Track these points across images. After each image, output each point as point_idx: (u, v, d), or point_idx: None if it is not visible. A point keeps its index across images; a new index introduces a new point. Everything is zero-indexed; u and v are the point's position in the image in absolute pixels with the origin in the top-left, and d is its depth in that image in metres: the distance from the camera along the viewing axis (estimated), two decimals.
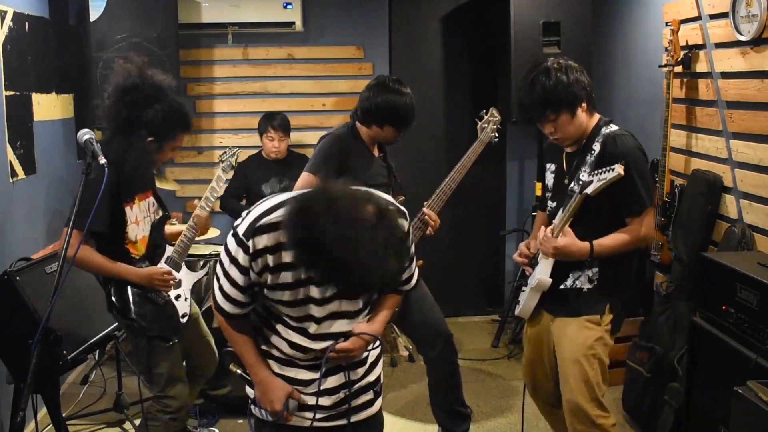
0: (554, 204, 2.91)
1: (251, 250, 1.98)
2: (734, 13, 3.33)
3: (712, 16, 3.60)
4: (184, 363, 3.24)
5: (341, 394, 2.20)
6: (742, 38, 3.28)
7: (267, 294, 2.06)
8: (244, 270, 2.02)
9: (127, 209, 2.94)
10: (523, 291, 2.98)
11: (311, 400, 2.17)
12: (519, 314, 3.00)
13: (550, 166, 2.95)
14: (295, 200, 1.92)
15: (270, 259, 1.99)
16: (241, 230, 2.01)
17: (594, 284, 2.78)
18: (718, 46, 3.55)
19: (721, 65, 3.53)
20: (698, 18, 3.72)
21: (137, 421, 3.77)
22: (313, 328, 2.10)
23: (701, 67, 3.71)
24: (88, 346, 3.33)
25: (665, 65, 3.80)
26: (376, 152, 3.46)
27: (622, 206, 2.71)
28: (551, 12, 4.46)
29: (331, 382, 2.18)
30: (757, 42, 3.21)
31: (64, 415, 3.44)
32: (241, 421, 3.92)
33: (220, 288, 2.11)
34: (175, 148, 3.02)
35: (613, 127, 2.78)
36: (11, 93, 3.70)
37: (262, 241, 1.98)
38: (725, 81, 3.50)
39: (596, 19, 4.66)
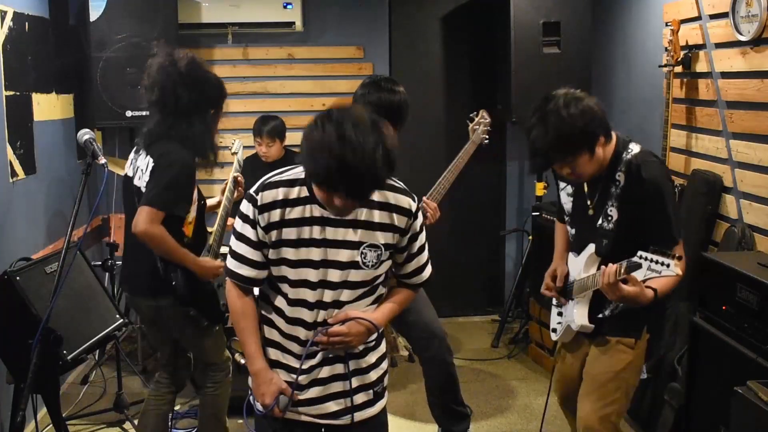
0: (574, 231, 2.77)
1: (259, 203, 2.09)
2: (734, 13, 3.33)
3: (712, 16, 3.60)
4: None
5: (332, 386, 2.19)
6: (742, 38, 3.28)
7: (272, 255, 2.12)
8: (253, 224, 2.10)
9: None
10: (559, 323, 2.86)
11: (307, 395, 2.18)
12: (557, 340, 2.93)
13: (566, 187, 2.79)
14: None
15: (276, 214, 2.08)
16: (252, 189, 2.14)
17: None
18: (718, 46, 3.55)
19: (721, 65, 3.53)
20: (698, 18, 3.72)
21: (135, 420, 3.78)
22: (309, 293, 2.12)
23: (701, 67, 3.71)
24: (88, 346, 3.32)
25: (665, 65, 3.80)
26: None
27: (653, 241, 2.41)
28: (551, 12, 4.47)
29: (324, 372, 2.18)
30: (757, 42, 3.21)
31: (64, 415, 3.44)
32: (240, 420, 3.92)
33: (234, 253, 2.16)
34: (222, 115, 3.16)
35: (634, 149, 2.56)
36: (11, 93, 3.70)
37: (271, 195, 2.09)
38: (725, 81, 3.50)
39: (596, 19, 4.66)
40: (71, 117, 4.61)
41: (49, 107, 4.25)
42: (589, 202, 2.66)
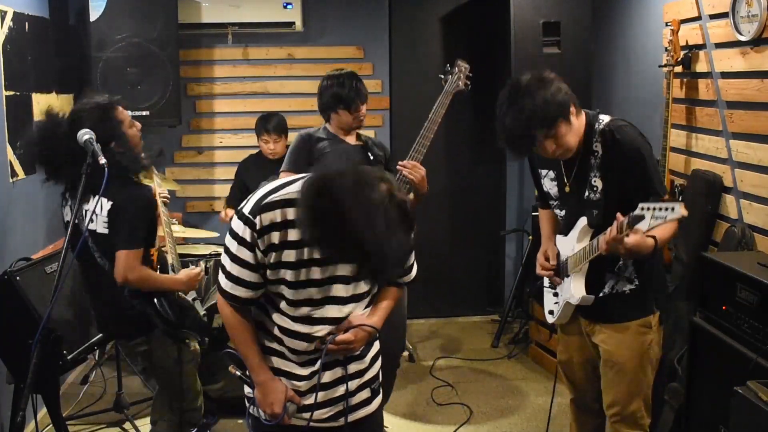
0: (563, 212, 2.82)
1: (258, 227, 2.02)
2: (734, 13, 3.33)
3: (712, 16, 3.59)
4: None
5: (337, 390, 2.20)
6: (742, 38, 3.28)
7: (270, 276, 2.08)
8: (251, 247, 2.04)
9: None
10: (556, 303, 2.88)
11: (309, 400, 2.17)
12: (555, 322, 2.94)
13: (548, 173, 2.83)
14: (309, 177, 1.96)
15: (276, 237, 2.03)
16: (247, 209, 2.05)
17: (635, 284, 2.69)
18: (718, 46, 3.55)
19: (721, 65, 3.53)
20: (698, 18, 3.72)
21: (138, 422, 3.79)
22: (312, 311, 2.11)
23: (701, 67, 3.70)
24: (88, 346, 3.33)
25: (665, 65, 3.80)
26: (351, 141, 3.67)
27: (641, 199, 2.39)
28: (551, 12, 4.46)
29: (326, 377, 2.18)
30: (757, 42, 3.21)
31: (64, 415, 3.44)
32: (240, 421, 3.93)
33: (229, 275, 2.11)
34: (134, 125, 3.05)
35: (604, 118, 2.64)
36: (11, 93, 3.71)
37: (269, 217, 2.02)
38: (725, 81, 3.50)
39: (596, 19, 4.66)
40: None
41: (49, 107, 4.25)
42: (566, 179, 2.73)
